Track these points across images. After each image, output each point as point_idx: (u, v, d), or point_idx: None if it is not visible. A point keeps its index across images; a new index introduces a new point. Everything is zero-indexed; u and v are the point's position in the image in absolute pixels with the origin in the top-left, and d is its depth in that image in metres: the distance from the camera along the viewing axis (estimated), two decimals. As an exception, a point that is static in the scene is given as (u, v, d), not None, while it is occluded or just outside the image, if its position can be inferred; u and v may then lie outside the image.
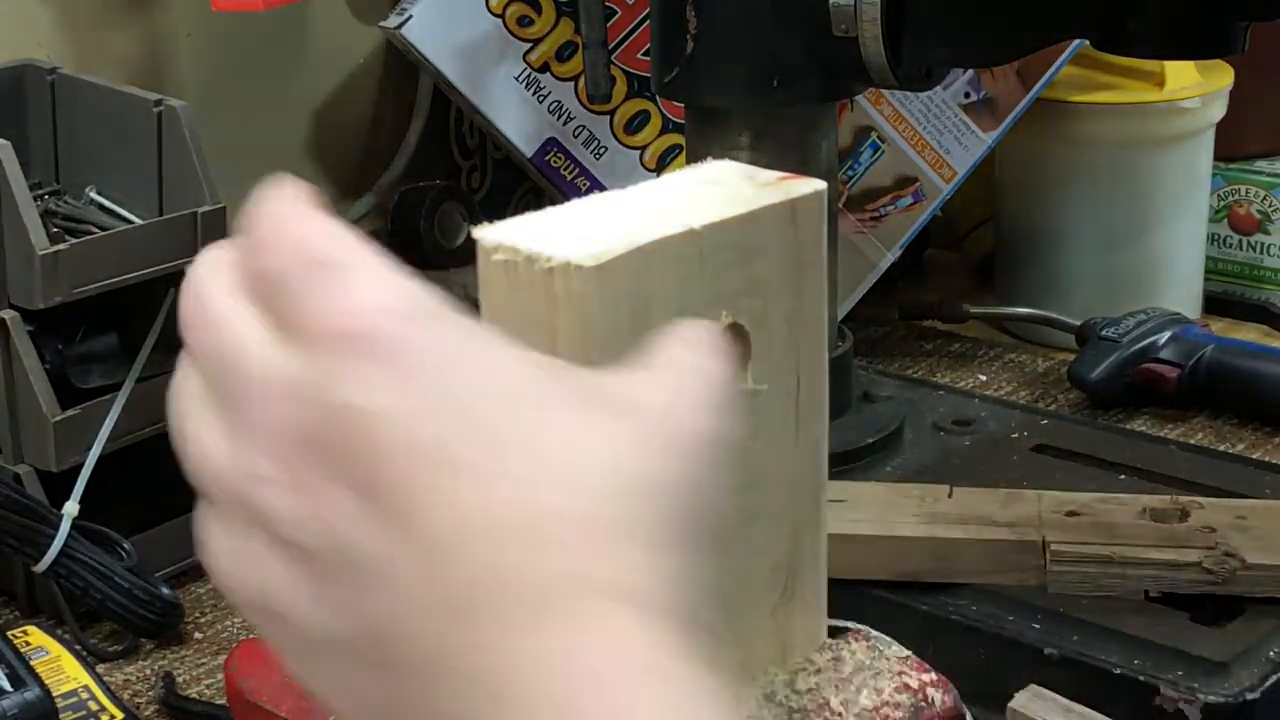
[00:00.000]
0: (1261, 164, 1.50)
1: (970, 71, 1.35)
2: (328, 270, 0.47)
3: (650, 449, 0.47)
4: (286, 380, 0.46)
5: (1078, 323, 1.37)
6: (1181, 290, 1.44)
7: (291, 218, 0.49)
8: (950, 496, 1.00)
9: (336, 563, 0.45)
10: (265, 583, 0.47)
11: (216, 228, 1.10)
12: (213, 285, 0.49)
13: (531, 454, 0.45)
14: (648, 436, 0.47)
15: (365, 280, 0.47)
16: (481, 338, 0.47)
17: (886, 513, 0.98)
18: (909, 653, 0.81)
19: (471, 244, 0.53)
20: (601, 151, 1.38)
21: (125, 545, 1.05)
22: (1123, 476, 1.10)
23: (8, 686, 0.91)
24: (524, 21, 1.37)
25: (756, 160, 1.03)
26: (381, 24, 1.38)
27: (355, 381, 0.45)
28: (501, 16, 1.36)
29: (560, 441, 0.46)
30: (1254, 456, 1.21)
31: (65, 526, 1.03)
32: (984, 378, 1.39)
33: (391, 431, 0.45)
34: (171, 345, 1.12)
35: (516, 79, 1.37)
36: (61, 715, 0.92)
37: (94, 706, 0.93)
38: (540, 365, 0.48)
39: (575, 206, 0.55)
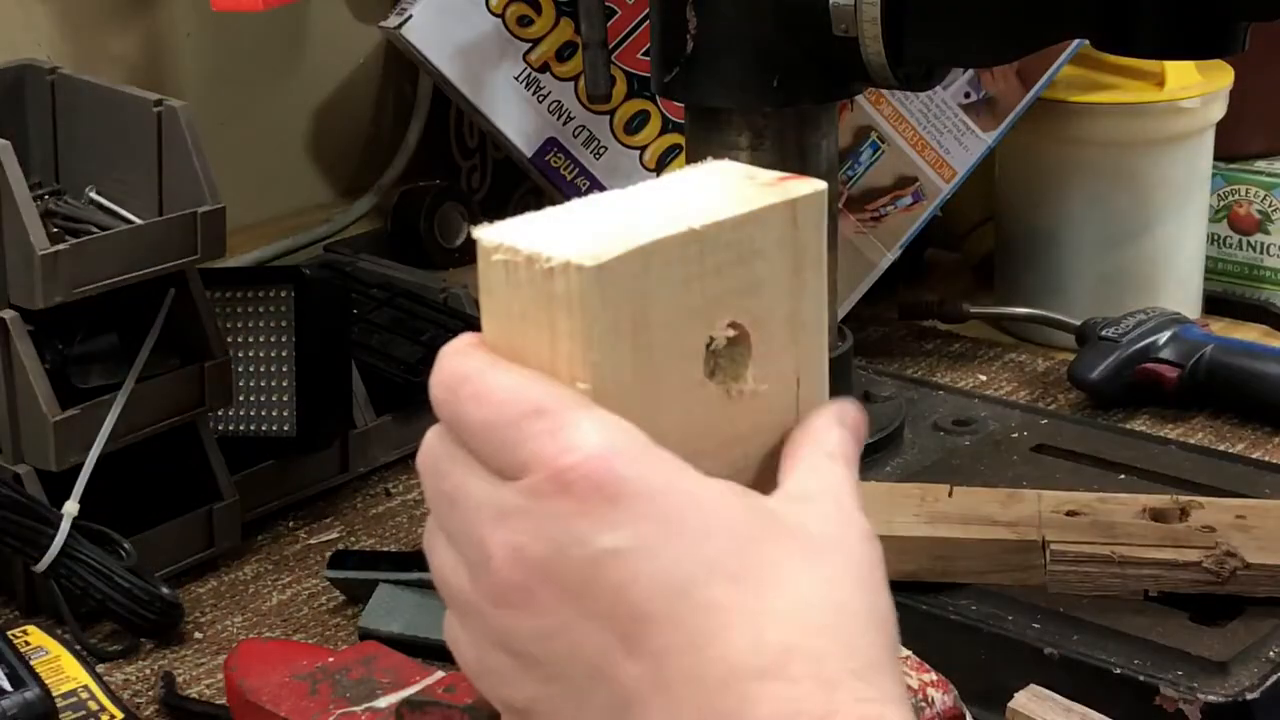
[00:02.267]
0: (1261, 164, 1.50)
1: (970, 71, 1.35)
2: (540, 418, 0.50)
3: (862, 583, 0.50)
4: (513, 513, 0.50)
5: (1078, 323, 1.37)
6: (1181, 290, 1.44)
7: (483, 372, 0.52)
8: (950, 496, 1.00)
9: (585, 689, 0.50)
10: (513, 696, 0.52)
11: (216, 228, 1.10)
12: (434, 439, 0.54)
13: (769, 596, 0.48)
14: (857, 572, 0.51)
15: (578, 422, 0.50)
16: (690, 472, 0.50)
17: (886, 512, 0.98)
18: (909, 653, 0.81)
19: (471, 244, 0.53)
20: (601, 151, 1.38)
21: (125, 545, 1.05)
22: (1123, 476, 1.10)
23: (8, 686, 0.91)
24: (524, 21, 1.37)
25: (756, 160, 1.03)
26: (381, 24, 1.38)
27: (590, 520, 0.49)
28: (501, 16, 1.36)
29: (791, 581, 0.49)
30: (1254, 456, 1.21)
31: (65, 526, 1.03)
32: (984, 378, 1.39)
33: (634, 568, 0.48)
34: (171, 345, 1.13)
35: (516, 79, 1.37)
36: (61, 715, 0.92)
37: (94, 706, 0.93)
38: (741, 497, 0.51)
39: (575, 206, 0.55)
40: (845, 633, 0.49)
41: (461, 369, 0.52)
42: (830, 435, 0.55)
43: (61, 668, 0.96)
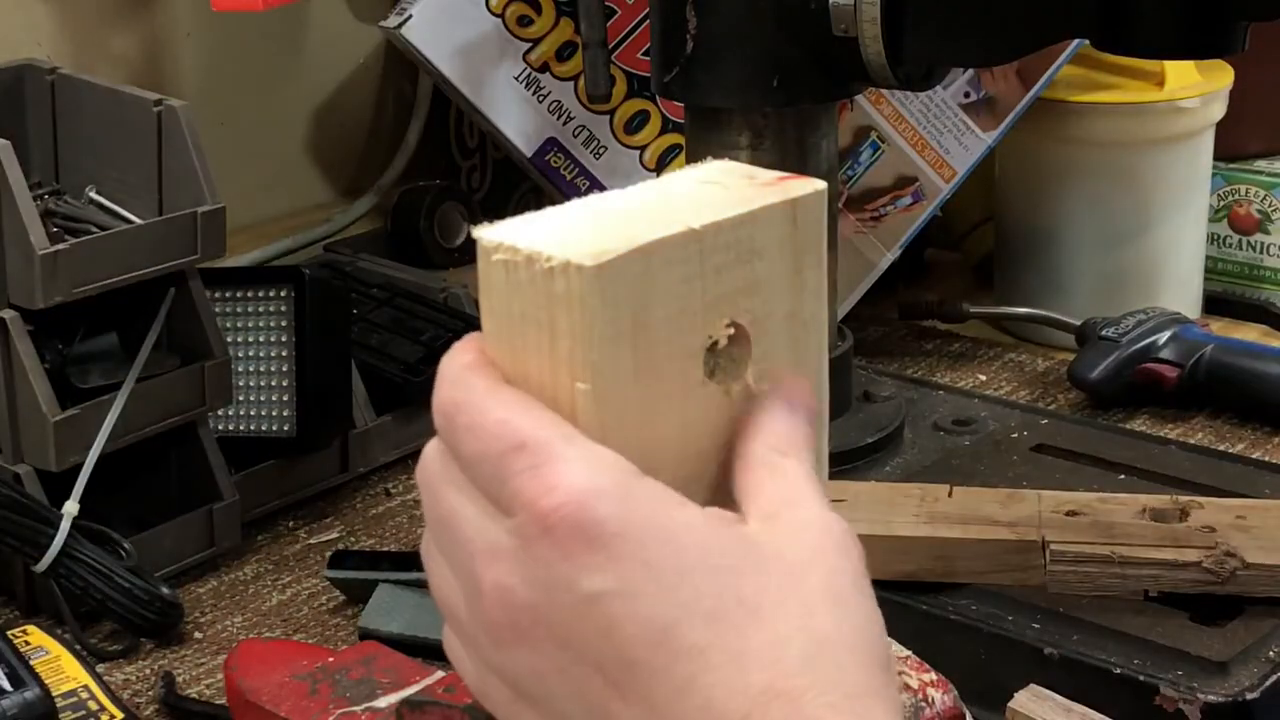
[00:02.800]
0: (1261, 164, 1.50)
1: (970, 71, 1.35)
2: (523, 454, 0.50)
3: (841, 600, 0.50)
4: (503, 553, 0.50)
5: (1078, 323, 1.37)
6: (1181, 290, 1.44)
7: (478, 403, 0.52)
8: (950, 496, 1.00)
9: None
10: (511, 717, 0.52)
11: (216, 227, 1.10)
12: (433, 456, 0.53)
13: (748, 634, 0.49)
14: (836, 588, 0.50)
15: (560, 459, 0.50)
16: (671, 504, 0.50)
17: (886, 513, 0.98)
18: (909, 653, 0.81)
19: (471, 244, 0.53)
20: (601, 151, 1.38)
21: (125, 545, 1.05)
22: (1123, 476, 1.10)
23: (8, 686, 0.91)
24: (524, 21, 1.37)
25: (756, 160, 1.03)
26: (381, 24, 1.38)
27: (573, 564, 0.49)
28: (501, 16, 1.36)
29: (769, 616, 0.49)
30: (1254, 456, 1.21)
31: (65, 526, 1.03)
32: (984, 378, 1.39)
33: (618, 612, 0.49)
34: (171, 345, 1.13)
35: (516, 79, 1.37)
36: (61, 715, 0.92)
37: (94, 706, 0.93)
38: (720, 529, 0.50)
39: (575, 206, 0.55)
40: (823, 666, 0.49)
41: (457, 397, 0.52)
42: (777, 428, 0.54)
43: (61, 668, 0.96)
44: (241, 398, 1.18)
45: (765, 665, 0.48)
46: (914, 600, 0.95)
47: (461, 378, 0.52)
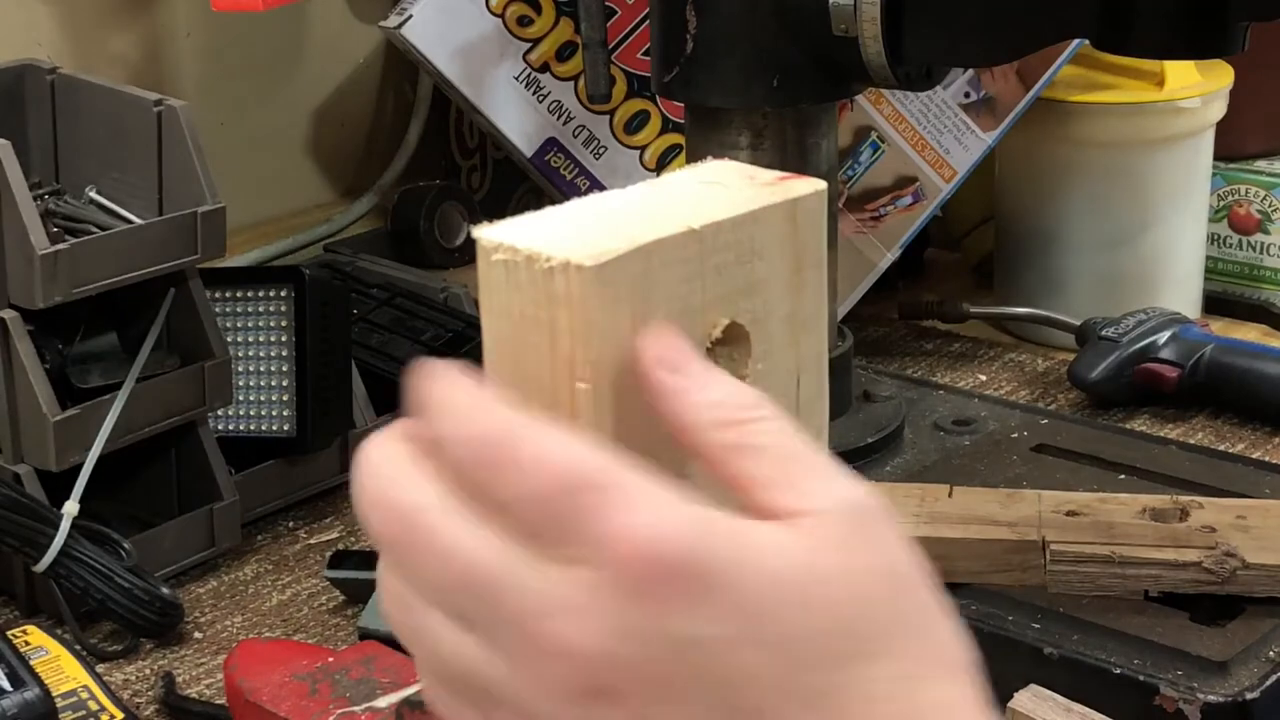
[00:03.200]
0: (1261, 164, 1.50)
1: (970, 71, 1.35)
2: (591, 493, 0.46)
3: (922, 607, 0.51)
4: (572, 606, 0.45)
5: (1078, 323, 1.37)
6: (1181, 290, 1.44)
7: (536, 438, 0.47)
8: (950, 496, 1.00)
9: None
10: None
11: (216, 227, 1.10)
12: (412, 489, 0.49)
13: (867, 668, 0.47)
14: (905, 588, 0.51)
15: (634, 500, 0.46)
16: (754, 530, 0.47)
17: (886, 513, 0.98)
18: (909, 653, 0.80)
19: (471, 244, 0.53)
20: (601, 151, 1.38)
21: (125, 545, 1.05)
22: (1123, 476, 1.10)
23: (8, 686, 0.91)
24: (524, 21, 1.37)
25: (756, 160, 1.03)
26: (381, 24, 1.38)
27: (666, 611, 0.45)
28: (501, 16, 1.36)
29: (876, 645, 0.48)
30: (1254, 456, 1.21)
31: (65, 526, 1.03)
32: (984, 378, 1.39)
33: (730, 657, 0.45)
34: (171, 345, 1.13)
35: (516, 79, 1.37)
36: (61, 715, 0.92)
37: (94, 706, 0.93)
38: (805, 549, 0.47)
39: (575, 206, 0.55)
40: (945, 691, 0.49)
41: (504, 426, 0.48)
42: (702, 399, 0.50)
43: (61, 668, 0.96)
44: (241, 398, 1.18)
45: (895, 696, 0.48)
46: (914, 600, 0.95)
47: (487, 406, 0.48)
